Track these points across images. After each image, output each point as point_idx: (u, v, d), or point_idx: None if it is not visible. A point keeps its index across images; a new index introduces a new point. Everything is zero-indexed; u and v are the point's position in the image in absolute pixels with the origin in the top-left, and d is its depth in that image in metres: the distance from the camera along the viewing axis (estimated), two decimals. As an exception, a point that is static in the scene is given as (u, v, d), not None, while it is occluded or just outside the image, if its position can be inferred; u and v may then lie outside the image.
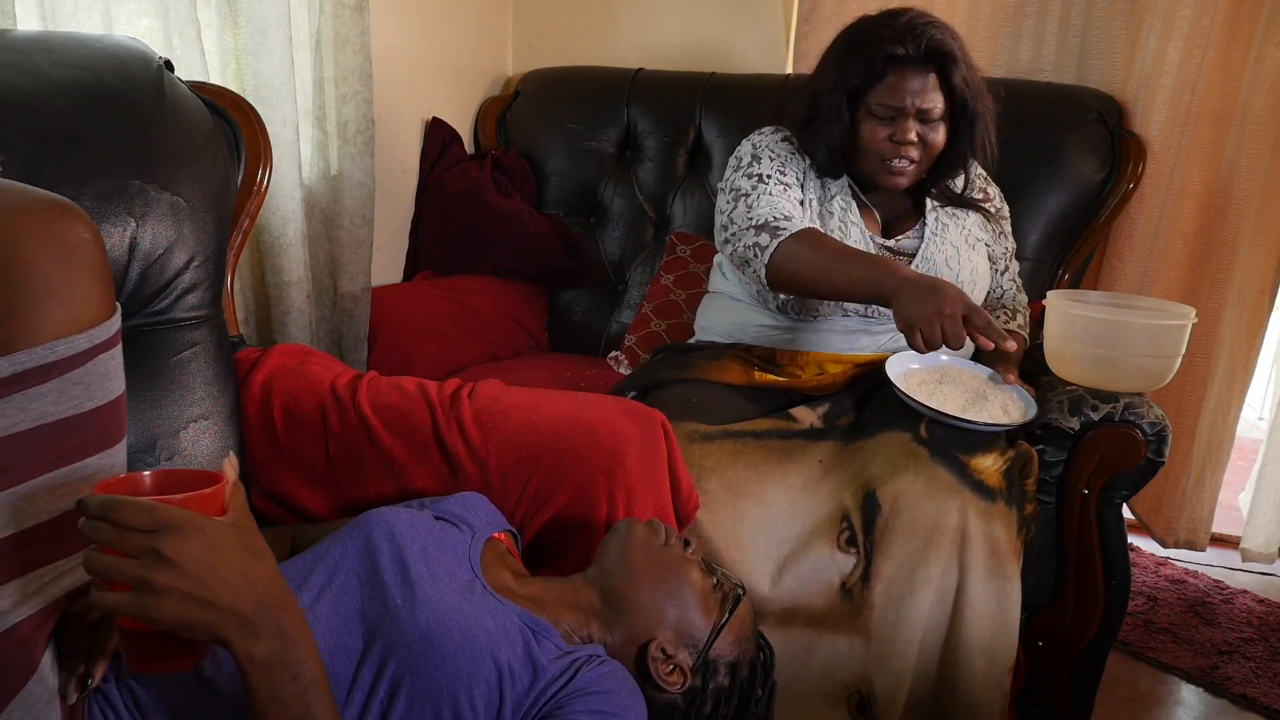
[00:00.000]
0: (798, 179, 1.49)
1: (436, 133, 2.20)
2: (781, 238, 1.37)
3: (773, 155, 1.50)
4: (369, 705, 0.80)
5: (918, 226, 1.52)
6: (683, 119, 2.18)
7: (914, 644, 1.23)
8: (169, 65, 1.24)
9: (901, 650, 1.23)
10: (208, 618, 0.61)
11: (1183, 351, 1.36)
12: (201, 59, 1.47)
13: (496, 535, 1.03)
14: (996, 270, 1.61)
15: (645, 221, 2.22)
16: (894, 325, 1.43)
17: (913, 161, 1.45)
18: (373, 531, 0.90)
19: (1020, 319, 1.60)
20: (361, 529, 0.91)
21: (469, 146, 2.34)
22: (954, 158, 1.50)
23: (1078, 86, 1.98)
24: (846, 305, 1.47)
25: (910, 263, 1.47)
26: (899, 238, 1.52)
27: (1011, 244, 1.63)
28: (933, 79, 1.40)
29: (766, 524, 1.29)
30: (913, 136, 1.42)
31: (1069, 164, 1.86)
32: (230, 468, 0.69)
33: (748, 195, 1.45)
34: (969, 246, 1.51)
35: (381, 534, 0.90)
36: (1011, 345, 1.23)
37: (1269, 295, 1.96)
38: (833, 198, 1.50)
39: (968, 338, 1.21)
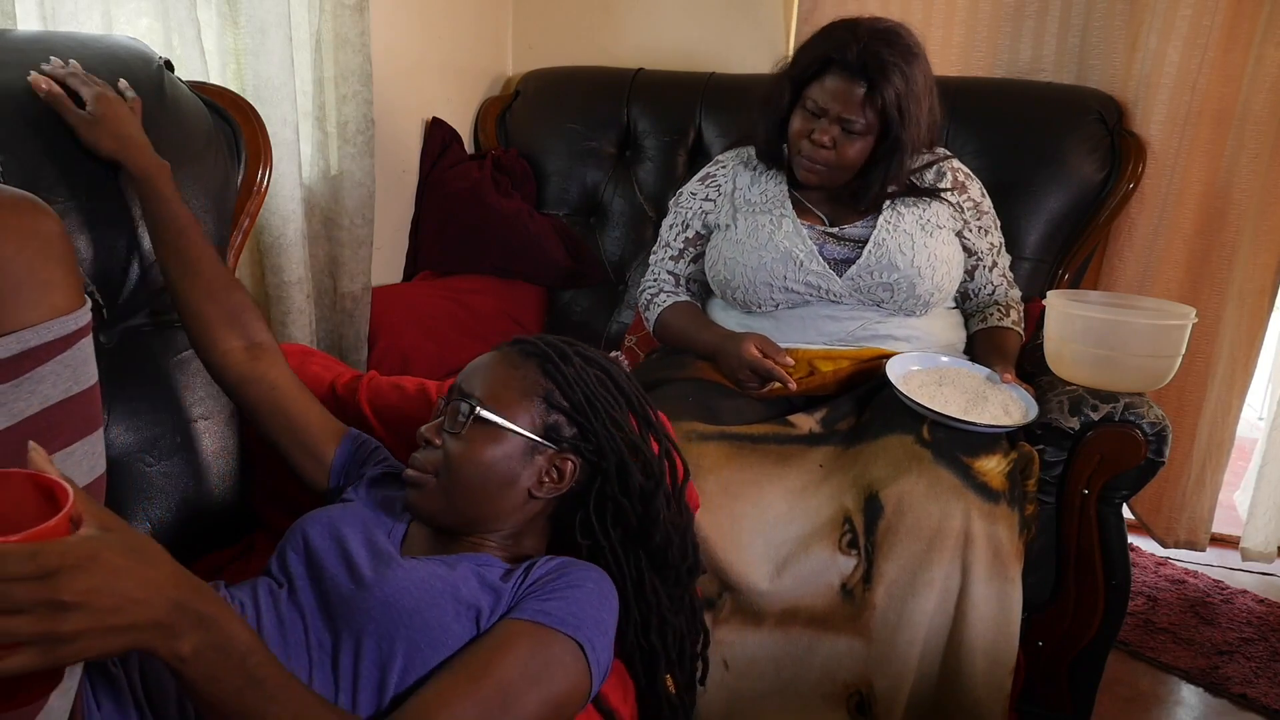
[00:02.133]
0: (688, 222, 1.65)
1: (436, 133, 2.20)
2: (659, 309, 1.66)
3: (676, 209, 1.68)
4: (358, 687, 0.80)
5: (870, 216, 1.52)
6: (683, 119, 2.18)
7: (915, 645, 1.23)
8: (169, 65, 1.24)
9: (903, 652, 1.23)
10: (126, 641, 0.57)
11: (1183, 351, 1.36)
12: (201, 59, 1.47)
13: None
14: (983, 265, 1.60)
15: (645, 221, 2.21)
16: (857, 310, 1.51)
17: (823, 164, 1.47)
18: (309, 532, 0.92)
19: (1014, 314, 1.59)
20: (298, 532, 0.92)
21: (469, 146, 2.34)
22: (866, 178, 1.48)
23: (1078, 86, 1.98)
24: (800, 290, 1.50)
25: (859, 250, 1.49)
26: (845, 226, 1.53)
27: (996, 239, 1.61)
28: (862, 92, 1.41)
29: (765, 526, 1.29)
30: (826, 140, 1.44)
31: (1069, 164, 1.86)
32: (41, 458, 0.58)
33: (655, 251, 1.72)
34: (927, 234, 1.49)
35: (319, 532, 0.91)
36: (792, 386, 1.44)
37: (1269, 295, 1.96)
38: (768, 199, 1.56)
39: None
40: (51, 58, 1.04)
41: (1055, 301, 1.42)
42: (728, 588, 1.26)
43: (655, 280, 1.70)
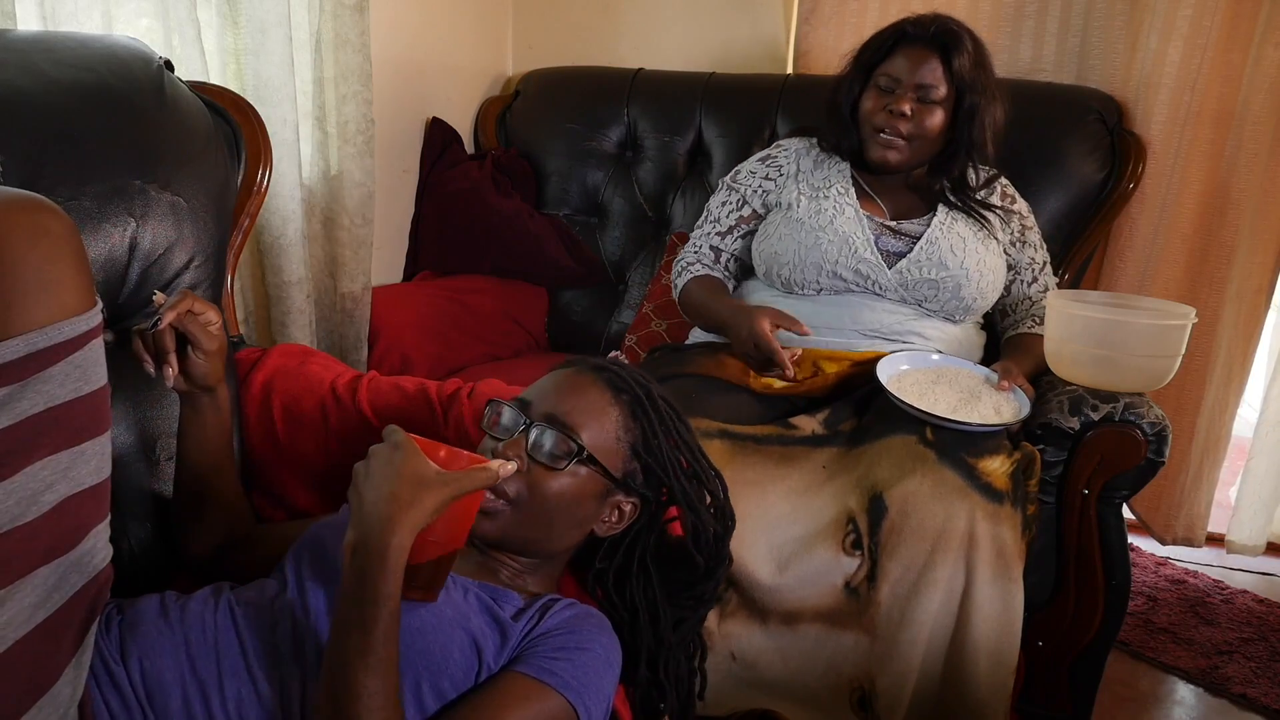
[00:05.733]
0: (744, 200, 1.66)
1: (436, 133, 2.20)
2: (688, 277, 1.67)
3: (731, 187, 1.69)
4: None
5: (927, 216, 1.55)
6: (683, 119, 2.18)
7: (918, 644, 1.23)
8: (169, 65, 1.24)
9: (905, 650, 1.23)
10: (353, 498, 0.75)
11: (1182, 351, 1.36)
12: (201, 59, 1.47)
13: None
14: (1020, 280, 1.63)
15: (645, 221, 2.21)
16: (898, 305, 1.53)
17: (903, 137, 1.49)
18: (325, 538, 0.92)
19: None
20: (314, 536, 0.93)
21: (469, 146, 2.34)
22: (951, 149, 1.53)
23: (1078, 86, 1.97)
24: (847, 278, 1.52)
25: (912, 245, 1.52)
26: (903, 222, 1.55)
27: (1039, 256, 1.64)
28: (936, 62, 1.47)
29: (767, 526, 1.29)
30: (906, 109, 1.48)
31: (1069, 164, 1.86)
32: (502, 468, 0.81)
33: (700, 225, 1.72)
34: (978, 240, 1.53)
35: (334, 540, 0.91)
36: (789, 373, 1.43)
37: (1266, 294, 1.96)
38: (831, 185, 1.57)
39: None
40: (156, 292, 0.96)
41: (1055, 301, 1.42)
42: (731, 584, 1.26)
43: (695, 252, 1.70)
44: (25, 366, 0.70)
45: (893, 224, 1.55)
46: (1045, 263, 1.65)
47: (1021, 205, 1.64)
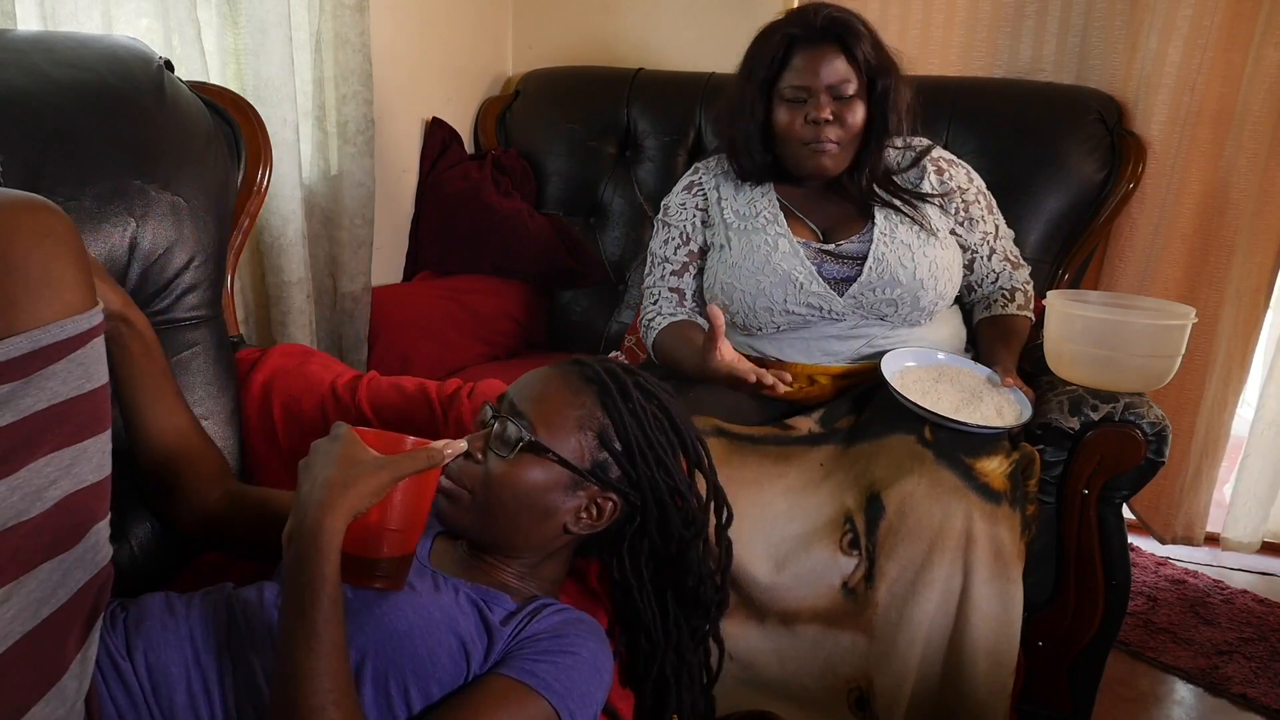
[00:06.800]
0: (688, 235, 1.56)
1: (436, 133, 2.20)
2: (654, 333, 1.54)
3: (667, 223, 1.59)
4: None
5: (865, 230, 1.47)
6: (683, 119, 2.18)
7: (916, 644, 1.23)
8: (169, 65, 1.24)
9: (903, 650, 1.23)
10: (296, 492, 0.76)
11: (1182, 351, 1.36)
12: (201, 59, 1.47)
13: None
14: (979, 257, 1.55)
15: (645, 221, 2.21)
16: (860, 326, 1.46)
17: (834, 142, 1.42)
18: None
19: (1020, 298, 1.55)
20: None
21: (469, 146, 2.34)
22: (869, 138, 1.46)
23: (1078, 86, 1.98)
24: (801, 312, 1.45)
25: (858, 268, 1.44)
26: (841, 242, 1.47)
27: (989, 225, 1.55)
28: (839, 56, 1.39)
29: (764, 525, 1.29)
30: (827, 114, 1.39)
31: (1069, 164, 1.86)
32: (447, 447, 0.81)
33: (650, 273, 1.61)
34: (924, 242, 1.45)
35: None
36: (771, 380, 1.26)
37: (1264, 294, 1.97)
38: (759, 214, 1.49)
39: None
40: None
41: (1055, 301, 1.42)
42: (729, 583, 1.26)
43: (654, 305, 1.57)
44: (29, 363, 0.70)
45: (830, 248, 1.46)
46: (998, 228, 1.57)
47: (959, 177, 1.52)
